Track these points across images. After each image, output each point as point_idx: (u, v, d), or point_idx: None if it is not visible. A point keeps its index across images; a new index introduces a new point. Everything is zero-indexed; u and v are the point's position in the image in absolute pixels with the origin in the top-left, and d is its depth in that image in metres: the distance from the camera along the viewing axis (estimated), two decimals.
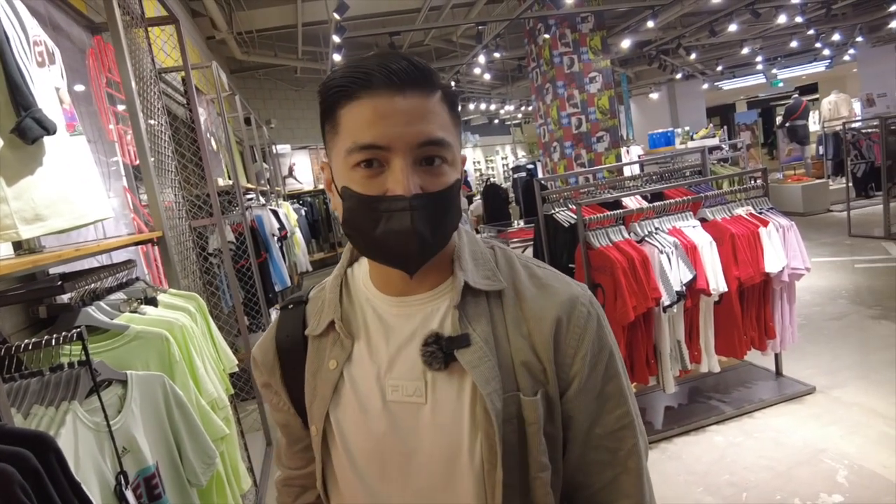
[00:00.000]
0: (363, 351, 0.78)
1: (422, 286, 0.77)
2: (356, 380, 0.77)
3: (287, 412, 0.86)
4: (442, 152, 0.69)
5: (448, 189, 0.70)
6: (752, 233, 3.00)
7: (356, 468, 0.77)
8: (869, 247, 6.34)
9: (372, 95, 0.66)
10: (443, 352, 0.72)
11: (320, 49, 8.84)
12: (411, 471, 0.74)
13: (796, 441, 2.77)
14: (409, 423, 0.74)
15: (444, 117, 0.70)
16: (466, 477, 0.72)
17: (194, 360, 1.76)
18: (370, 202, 0.68)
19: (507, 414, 0.71)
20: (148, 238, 2.10)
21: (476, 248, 0.80)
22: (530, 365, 0.73)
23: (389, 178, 0.67)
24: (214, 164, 4.78)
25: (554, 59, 7.38)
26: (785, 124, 10.07)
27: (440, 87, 0.70)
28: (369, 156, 0.67)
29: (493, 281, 0.76)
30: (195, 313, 2.02)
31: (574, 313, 0.74)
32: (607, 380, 0.76)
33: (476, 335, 0.73)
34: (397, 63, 0.67)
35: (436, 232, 0.70)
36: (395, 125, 0.66)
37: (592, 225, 2.94)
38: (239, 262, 4.55)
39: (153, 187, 2.13)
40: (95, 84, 2.46)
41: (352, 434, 0.77)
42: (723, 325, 3.05)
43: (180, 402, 1.54)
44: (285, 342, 0.84)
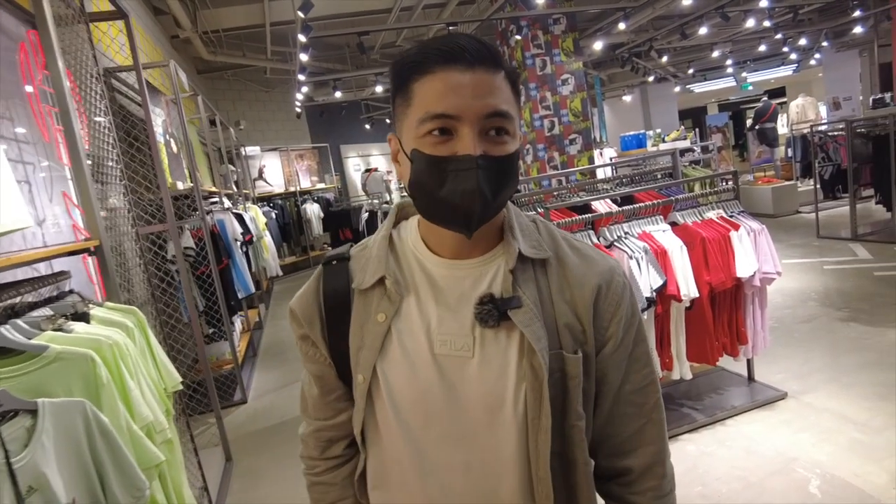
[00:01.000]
0: (412, 306, 0.82)
1: (474, 251, 0.83)
2: (404, 333, 0.82)
3: (323, 363, 0.90)
4: (505, 124, 0.75)
5: (509, 156, 0.76)
6: (723, 237, 2.94)
7: (400, 417, 0.81)
8: (837, 248, 6.40)
9: (445, 70, 0.73)
10: (498, 310, 0.78)
11: (290, 49, 8.65)
12: (455, 419, 0.80)
13: (768, 450, 2.72)
14: (456, 375, 0.79)
15: (507, 93, 0.76)
16: (509, 424, 0.78)
17: (126, 382, 1.62)
18: (439, 162, 0.74)
19: (551, 369, 0.78)
20: (82, 247, 1.95)
21: (522, 221, 0.87)
22: (572, 326, 0.80)
23: (458, 144, 0.74)
24: (175, 166, 4.59)
25: (526, 60, 7.31)
26: (755, 127, 10.18)
27: (504, 67, 0.76)
28: (441, 124, 0.73)
29: (538, 250, 0.83)
30: (133, 328, 1.87)
31: (613, 282, 0.83)
32: (637, 343, 0.86)
33: (526, 298, 0.79)
34: (468, 42, 0.74)
35: (497, 194, 0.76)
36: (465, 97, 0.72)
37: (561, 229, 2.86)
38: (199, 268, 4.37)
39: (88, 192, 1.98)
40: (27, 81, 2.29)
41: (398, 384, 0.81)
42: (694, 332, 2.98)
43: (105, 430, 1.39)
44: (330, 295, 0.87)
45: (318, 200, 10.96)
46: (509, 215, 0.85)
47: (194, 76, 9.24)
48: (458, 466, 0.81)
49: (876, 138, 6.22)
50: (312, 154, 11.59)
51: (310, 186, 11.24)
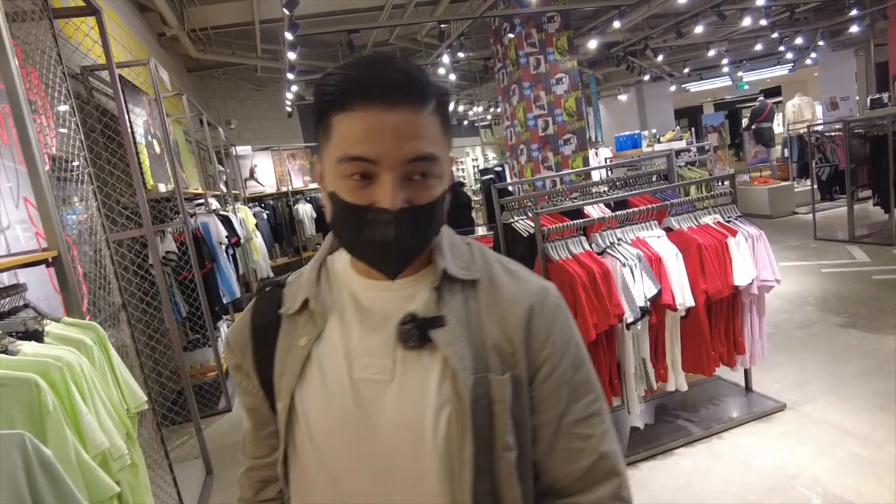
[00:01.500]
0: (335, 330, 0.80)
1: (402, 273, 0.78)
2: (323, 358, 0.78)
3: (256, 395, 0.86)
4: (430, 167, 0.71)
5: (434, 202, 0.73)
6: (719, 243, 2.84)
7: (316, 447, 0.77)
8: (834, 250, 6.31)
9: (364, 109, 0.67)
10: (419, 330, 0.74)
11: (280, 47, 8.50)
12: (373, 449, 0.75)
13: (766, 465, 2.61)
14: (374, 400, 0.75)
15: (434, 130, 0.71)
16: (430, 454, 0.73)
17: (78, 407, 1.50)
18: (357, 211, 0.71)
19: (476, 394, 0.72)
20: (39, 259, 1.82)
21: (454, 241, 0.83)
22: (501, 348, 0.75)
23: (378, 191, 0.69)
24: (158, 168, 4.46)
25: (520, 59, 7.20)
26: (751, 126, 10.09)
27: (434, 96, 0.71)
28: (359, 169, 0.69)
29: (469, 271, 0.80)
30: (92, 346, 1.75)
31: (546, 302, 0.78)
32: (576, 368, 0.78)
33: (451, 317, 0.75)
34: (392, 76, 0.68)
35: (419, 242, 0.74)
36: (385, 141, 0.67)
37: (552, 235, 2.75)
38: (182, 273, 4.24)
39: (45, 198, 1.85)
40: None
41: (314, 412, 0.78)
42: (690, 341, 2.88)
43: (47, 464, 1.27)
44: (260, 322, 0.85)
45: (311, 200, 10.81)
46: (440, 236, 0.81)
47: (183, 74, 9.09)
48: (381, 500, 0.76)
49: (874, 139, 6.13)
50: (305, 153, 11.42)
51: (302, 186, 11.09)
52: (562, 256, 2.67)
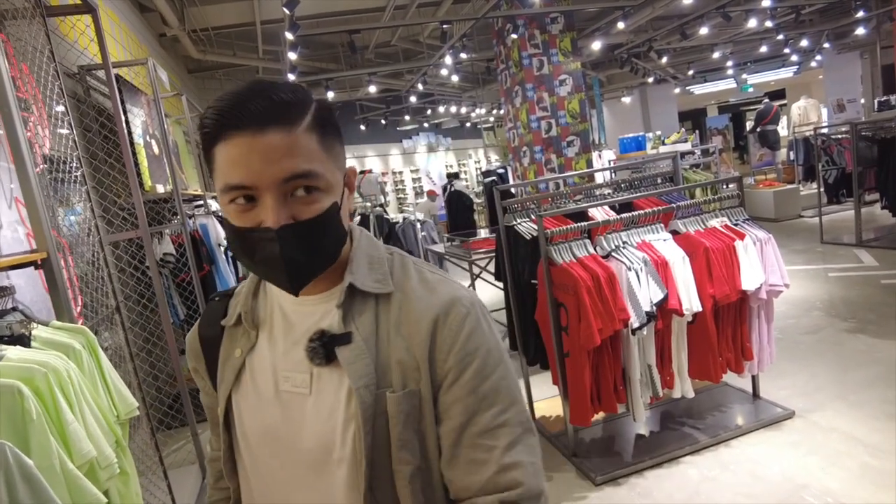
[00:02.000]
0: (265, 342, 0.84)
1: (318, 286, 0.80)
2: (255, 368, 0.83)
3: (212, 395, 0.91)
4: (310, 182, 0.72)
5: (321, 215, 0.73)
6: (727, 247, 2.77)
7: (250, 449, 0.84)
8: (840, 254, 6.24)
9: (235, 137, 0.69)
10: (324, 348, 0.76)
11: (281, 48, 8.46)
12: (294, 457, 0.79)
13: (775, 475, 2.55)
14: (296, 413, 0.79)
15: (311, 147, 0.72)
16: (341, 466, 0.76)
17: (64, 415, 1.44)
18: (243, 234, 0.73)
19: (377, 409, 0.74)
20: (28, 260, 1.77)
21: (374, 253, 0.84)
22: (404, 363, 0.76)
23: (262, 212, 0.71)
24: (156, 168, 4.41)
25: (523, 60, 7.14)
26: (756, 129, 10.01)
27: (308, 113, 0.72)
28: (240, 194, 0.71)
29: (382, 284, 0.80)
30: (80, 351, 1.69)
31: (452, 312, 0.77)
32: (484, 378, 0.76)
33: (358, 334, 0.77)
34: (257, 102, 0.69)
35: (313, 255, 0.74)
36: (258, 164, 0.69)
37: (556, 238, 2.69)
38: (180, 275, 4.19)
39: (34, 200, 1.80)
40: None
41: (247, 418, 0.83)
42: (697, 347, 2.81)
43: (28, 475, 1.22)
44: (207, 331, 0.90)
45: None
46: (356, 247, 0.83)
47: (184, 75, 9.05)
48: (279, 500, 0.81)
49: (881, 141, 6.06)
50: None
51: None
52: (566, 260, 2.61)
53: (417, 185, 15.23)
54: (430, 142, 16.03)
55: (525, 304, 3.10)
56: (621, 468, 2.72)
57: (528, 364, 3.24)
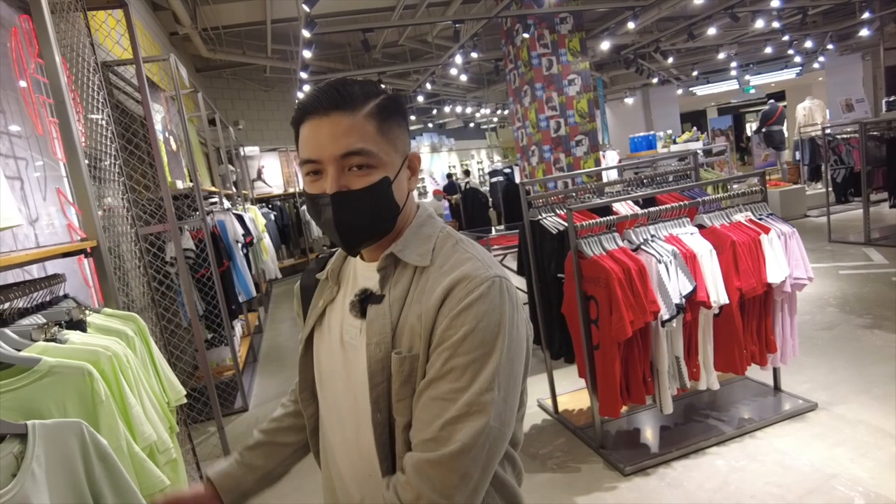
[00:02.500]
0: (341, 297, 0.99)
1: (377, 254, 0.92)
2: (331, 318, 0.99)
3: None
4: (365, 160, 0.85)
5: (370, 186, 0.86)
6: (752, 240, 2.80)
7: (322, 384, 1.00)
8: (850, 253, 6.28)
9: (310, 120, 0.86)
10: (361, 304, 0.90)
11: (290, 47, 8.50)
12: (347, 393, 0.93)
13: (803, 465, 2.57)
14: (351, 359, 0.92)
15: (368, 130, 0.85)
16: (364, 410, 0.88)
17: (127, 398, 1.46)
18: (311, 199, 0.89)
19: (382, 366, 0.85)
20: (78, 248, 1.79)
21: (427, 230, 0.93)
22: (414, 329, 0.84)
23: (324, 181, 0.86)
24: (174, 165, 4.43)
25: (532, 60, 7.17)
26: (761, 129, 10.07)
27: (369, 103, 0.86)
28: (311, 167, 0.87)
29: (422, 258, 0.89)
30: (133, 337, 1.71)
31: (459, 285, 0.82)
32: (460, 353, 0.79)
33: (389, 297, 0.88)
34: (329, 92, 0.85)
35: (364, 220, 0.87)
36: (322, 142, 0.85)
37: (583, 232, 2.72)
38: (199, 270, 4.20)
39: (85, 190, 1.82)
40: (19, 70, 2.13)
41: (322, 358, 1.00)
42: (722, 340, 2.84)
43: (103, 454, 1.23)
44: (306, 281, 1.12)
45: None
46: (415, 223, 0.94)
47: (193, 74, 9.06)
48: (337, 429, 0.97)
49: (890, 141, 6.11)
50: None
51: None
52: (596, 252, 2.64)
53: (421, 185, 15.25)
54: (433, 142, 16.06)
55: (550, 299, 3.13)
56: (649, 459, 2.74)
57: (553, 358, 3.26)
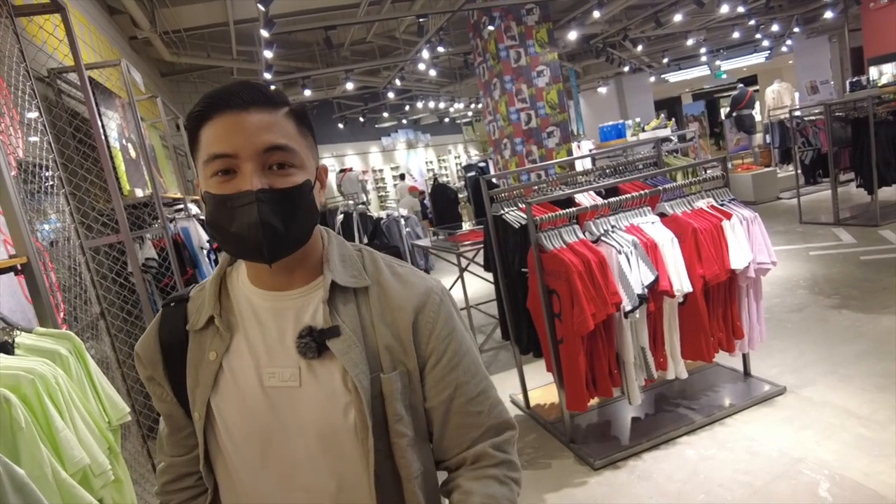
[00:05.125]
0: (241, 342, 0.86)
1: (294, 283, 0.86)
2: (235, 369, 0.86)
3: (171, 403, 0.93)
4: (287, 157, 0.79)
5: (296, 187, 0.80)
6: (715, 227, 2.79)
7: (237, 449, 0.86)
8: (820, 234, 6.34)
9: (221, 114, 0.78)
10: (315, 342, 0.82)
11: (256, 48, 8.35)
12: (289, 448, 0.84)
13: (771, 450, 2.57)
14: (286, 405, 0.83)
15: (289, 129, 0.81)
16: (346, 444, 0.83)
17: (54, 422, 1.39)
18: (224, 200, 0.78)
19: (373, 391, 0.82)
20: (6, 266, 1.71)
21: (345, 251, 0.91)
22: (392, 348, 0.84)
23: (240, 181, 0.77)
24: (132, 172, 4.32)
25: (500, 52, 7.13)
26: (732, 114, 10.14)
27: (287, 105, 0.82)
28: (222, 165, 0.77)
29: (359, 279, 0.87)
30: (67, 357, 1.64)
31: (429, 301, 0.87)
32: (462, 356, 0.89)
33: (345, 326, 0.84)
34: (243, 89, 0.78)
35: (288, 225, 0.79)
36: (241, 136, 0.77)
37: (544, 225, 2.68)
38: (163, 280, 4.10)
39: (10, 202, 1.74)
40: None
41: (231, 418, 0.85)
42: (688, 328, 2.83)
43: (20, 486, 1.17)
44: (168, 337, 0.91)
45: None
46: (329, 247, 0.89)
47: (157, 79, 8.89)
48: (301, 489, 0.85)
49: (854, 121, 6.16)
50: None
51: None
52: (556, 246, 2.60)
53: (396, 182, 15.17)
54: (409, 138, 15.98)
55: (516, 294, 3.09)
56: (619, 451, 2.72)
57: (522, 353, 3.23)
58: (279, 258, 0.80)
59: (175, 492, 1.00)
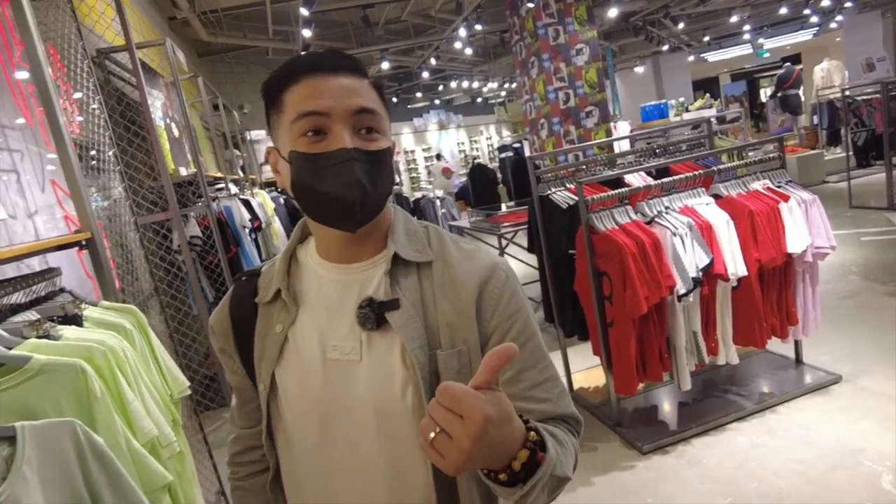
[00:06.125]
0: (306, 316, 0.87)
1: (360, 255, 0.86)
2: (299, 341, 0.86)
3: (240, 375, 0.95)
4: (375, 122, 0.80)
5: (382, 151, 0.80)
6: (771, 209, 2.70)
7: (297, 425, 0.87)
8: (871, 218, 6.11)
9: (310, 77, 0.78)
10: (374, 313, 0.81)
11: (291, 28, 8.36)
12: (347, 425, 0.83)
13: (828, 440, 2.50)
14: (346, 380, 0.83)
15: (374, 97, 0.81)
16: (403, 421, 0.81)
17: (125, 394, 1.42)
18: (316, 158, 0.77)
19: (430, 368, 0.80)
20: (71, 241, 1.74)
21: (410, 226, 0.90)
22: (452, 324, 0.82)
23: (332, 141, 0.77)
24: (177, 152, 4.37)
25: (538, 30, 6.98)
26: (777, 94, 9.77)
27: (369, 77, 0.82)
28: (312, 123, 0.76)
29: (422, 254, 0.86)
30: (132, 331, 1.67)
31: (493, 277, 0.84)
32: (527, 337, 0.84)
33: (405, 299, 0.82)
34: (331, 55, 0.80)
35: (374, 186, 0.78)
36: (332, 97, 0.77)
37: (594, 206, 2.63)
38: (207, 257, 4.17)
39: (75, 179, 1.76)
40: (4, 59, 2.07)
41: (293, 390, 0.86)
42: (741, 313, 2.75)
43: (100, 453, 1.19)
44: (238, 310, 0.93)
45: None
46: (394, 220, 0.88)
47: (195, 60, 8.97)
48: (353, 469, 0.84)
49: None
50: None
51: None
52: (607, 227, 2.55)
53: (430, 163, 15.11)
54: (441, 119, 15.88)
55: (561, 276, 3.05)
56: (667, 436, 2.68)
57: (566, 336, 3.19)
58: (366, 222, 0.80)
59: (243, 464, 1.03)
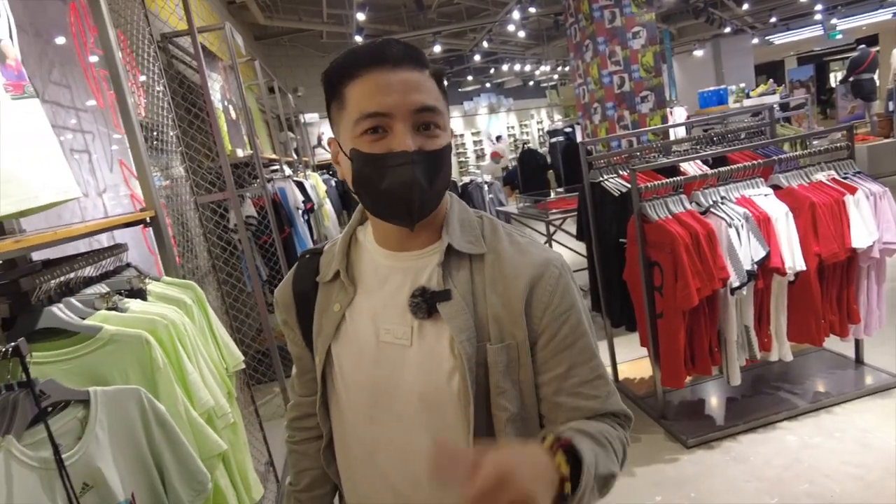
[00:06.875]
0: (363, 297, 0.90)
1: (414, 244, 0.87)
2: (356, 321, 0.89)
3: (300, 346, 1.01)
4: (435, 118, 0.79)
5: (442, 149, 0.80)
6: (835, 201, 2.58)
7: (349, 399, 0.91)
8: None
9: (372, 72, 0.77)
10: (426, 303, 0.83)
11: (345, 11, 8.43)
12: (395, 406, 0.86)
13: (887, 444, 2.40)
14: (396, 363, 0.85)
15: (435, 91, 0.80)
16: (448, 408, 0.83)
17: (184, 365, 1.50)
18: (377, 159, 0.78)
19: (478, 359, 0.81)
20: (136, 219, 1.83)
21: (465, 216, 0.90)
22: (501, 319, 0.82)
23: (393, 140, 0.77)
24: (234, 133, 4.52)
25: (594, 13, 6.80)
26: (848, 78, 9.22)
27: (429, 67, 0.81)
28: (374, 123, 0.77)
29: (475, 245, 0.87)
30: (191, 305, 1.75)
31: (546, 273, 0.84)
32: (578, 336, 0.84)
33: (456, 291, 0.83)
34: (393, 45, 0.78)
35: (433, 185, 0.79)
36: (394, 95, 0.76)
37: (647, 194, 2.57)
38: (262, 237, 4.31)
39: (142, 159, 1.86)
40: (79, 44, 2.18)
41: (348, 366, 0.90)
42: (797, 309, 2.66)
43: (162, 420, 1.27)
44: (300, 286, 0.97)
45: None
46: (450, 211, 0.89)
47: (251, 42, 9.18)
48: (398, 448, 0.87)
49: None
50: None
51: None
52: (660, 216, 2.50)
53: (479, 147, 15.05)
54: (491, 102, 15.75)
55: (611, 265, 3.01)
56: (713, 431, 2.63)
57: (613, 326, 3.16)
58: (423, 218, 0.82)
59: (300, 429, 1.11)
